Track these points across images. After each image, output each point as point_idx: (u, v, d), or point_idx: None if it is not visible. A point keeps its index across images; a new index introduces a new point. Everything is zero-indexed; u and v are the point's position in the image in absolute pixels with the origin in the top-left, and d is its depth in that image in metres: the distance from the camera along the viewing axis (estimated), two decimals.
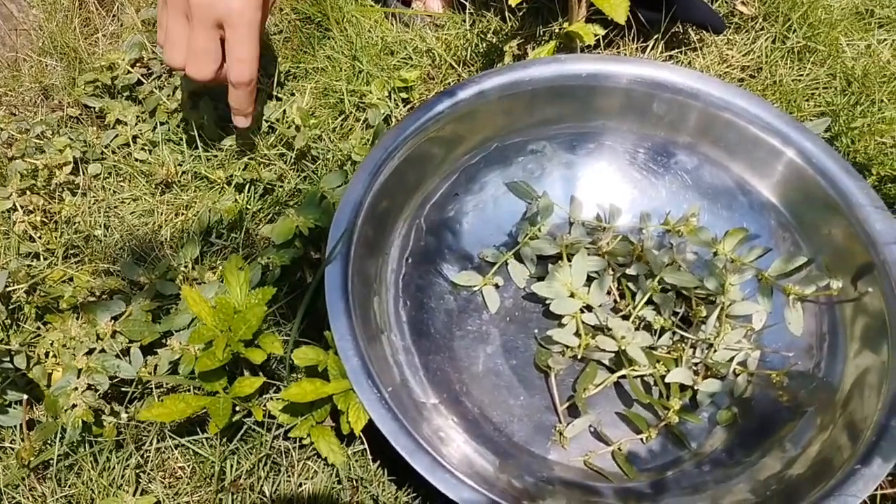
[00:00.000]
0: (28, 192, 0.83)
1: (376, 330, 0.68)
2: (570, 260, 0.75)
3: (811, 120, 0.88)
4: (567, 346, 0.71)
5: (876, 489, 0.57)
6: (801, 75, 0.93)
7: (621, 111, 0.80)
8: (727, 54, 0.94)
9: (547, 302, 0.74)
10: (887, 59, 0.93)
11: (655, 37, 0.92)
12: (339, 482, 0.67)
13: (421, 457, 0.56)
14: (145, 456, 0.68)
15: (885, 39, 0.96)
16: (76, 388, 0.68)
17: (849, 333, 0.68)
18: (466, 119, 0.77)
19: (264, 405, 0.68)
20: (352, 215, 0.68)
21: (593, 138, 0.82)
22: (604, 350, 0.71)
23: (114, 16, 1.08)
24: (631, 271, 0.75)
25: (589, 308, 0.73)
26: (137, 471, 0.68)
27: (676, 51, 0.93)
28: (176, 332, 0.73)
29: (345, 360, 0.60)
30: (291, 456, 0.67)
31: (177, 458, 0.68)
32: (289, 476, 0.67)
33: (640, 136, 0.81)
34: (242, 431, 0.68)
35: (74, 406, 0.68)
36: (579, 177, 0.82)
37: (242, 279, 0.65)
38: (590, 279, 0.75)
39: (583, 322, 0.72)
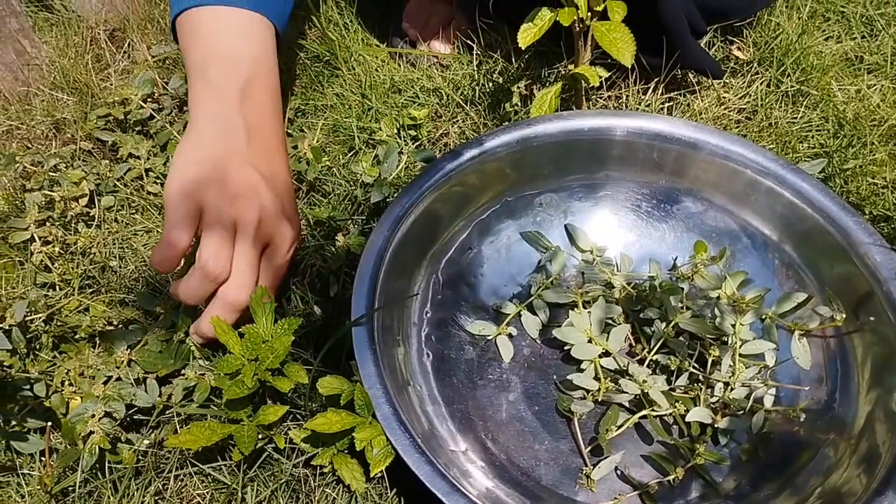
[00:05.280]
0: (47, 223, 0.85)
1: (403, 382, 0.70)
2: (585, 307, 0.78)
3: (806, 161, 0.91)
4: (587, 391, 0.73)
5: None
6: (795, 118, 0.96)
7: (624, 162, 0.84)
8: (724, 97, 0.98)
9: (566, 348, 0.76)
10: (877, 103, 0.97)
11: (656, 79, 0.95)
12: None
13: (457, 498, 0.58)
14: (164, 483, 0.69)
15: (874, 85, 1.00)
16: (93, 415, 0.69)
17: (859, 364, 0.71)
18: (476, 176, 0.81)
19: (285, 433, 0.69)
20: (374, 270, 0.71)
21: (599, 189, 0.86)
22: (623, 392, 0.73)
23: (124, 52, 1.10)
24: (645, 316, 0.77)
25: (607, 353, 0.75)
26: (157, 497, 0.68)
27: (676, 93, 0.97)
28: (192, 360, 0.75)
29: (376, 406, 0.63)
30: (310, 483, 0.68)
31: (196, 485, 0.69)
32: (308, 503, 0.68)
33: (643, 185, 0.85)
34: (262, 459, 0.69)
35: (91, 433, 0.69)
36: (588, 226, 0.85)
37: (268, 310, 0.66)
38: (606, 325, 0.77)
39: (602, 367, 0.74)
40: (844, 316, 0.71)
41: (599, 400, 0.73)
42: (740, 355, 0.74)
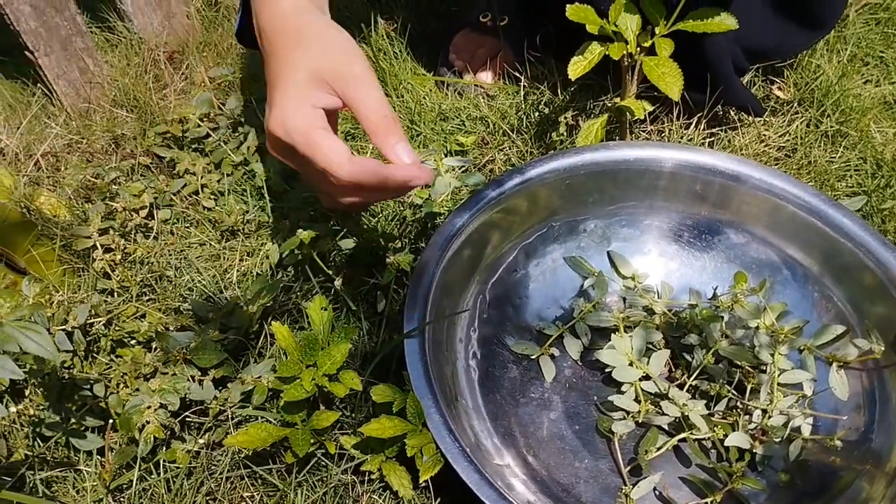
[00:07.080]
0: (111, 232, 0.88)
1: (451, 396, 0.73)
2: (626, 331, 0.80)
3: (845, 199, 0.93)
4: (627, 412, 0.75)
5: None
6: (834, 157, 0.99)
7: (668, 192, 0.87)
8: (765, 135, 1.00)
9: (607, 370, 0.78)
10: None
11: (699, 115, 0.98)
12: None
13: None
14: (216, 484, 0.71)
15: None
16: (149, 407, 0.72)
17: None
18: (525, 201, 0.84)
19: (335, 439, 0.71)
20: (426, 286, 0.74)
21: (643, 218, 0.88)
22: (663, 415, 0.74)
23: (182, 74, 1.15)
24: (685, 342, 0.79)
25: (647, 377, 0.77)
26: (208, 497, 0.71)
27: (717, 128, 0.99)
28: (244, 367, 0.77)
29: (427, 416, 0.65)
30: (357, 489, 0.70)
31: (246, 487, 0.71)
32: None
33: (686, 216, 0.87)
34: (311, 464, 0.71)
35: (147, 423, 0.71)
36: (630, 254, 0.88)
37: (326, 318, 0.69)
38: (646, 350, 0.79)
39: (642, 389, 0.76)
40: (883, 349, 0.73)
41: (640, 421, 0.75)
42: (778, 384, 0.75)
